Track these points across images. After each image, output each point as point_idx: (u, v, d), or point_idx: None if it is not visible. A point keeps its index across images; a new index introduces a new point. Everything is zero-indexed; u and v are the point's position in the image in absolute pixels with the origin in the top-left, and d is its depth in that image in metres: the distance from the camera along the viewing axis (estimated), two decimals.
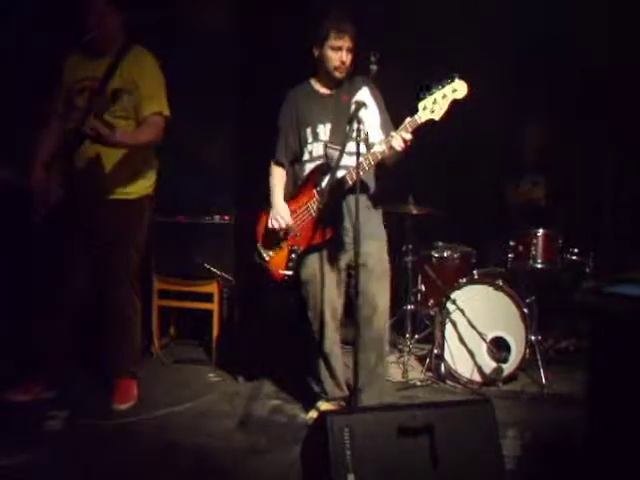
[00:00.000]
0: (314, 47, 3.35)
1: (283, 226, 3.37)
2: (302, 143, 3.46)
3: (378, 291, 3.38)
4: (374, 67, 3.10)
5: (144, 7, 4.09)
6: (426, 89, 3.08)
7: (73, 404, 3.49)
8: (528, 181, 4.74)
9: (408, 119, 3.10)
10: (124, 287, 3.68)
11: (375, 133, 3.20)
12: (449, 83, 3.04)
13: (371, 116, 3.14)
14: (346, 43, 3.28)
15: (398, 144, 3.07)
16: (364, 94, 3.09)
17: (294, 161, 3.53)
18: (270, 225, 3.41)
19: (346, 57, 3.31)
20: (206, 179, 4.72)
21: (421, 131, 3.12)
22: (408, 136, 3.08)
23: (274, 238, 3.44)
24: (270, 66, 4.67)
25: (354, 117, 2.93)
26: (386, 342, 3.50)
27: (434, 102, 3.05)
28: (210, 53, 4.75)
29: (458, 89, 3.03)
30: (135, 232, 3.68)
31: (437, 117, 3.05)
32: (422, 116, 3.06)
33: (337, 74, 3.34)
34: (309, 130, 3.42)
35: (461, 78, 3.04)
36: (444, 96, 3.04)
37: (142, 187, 3.67)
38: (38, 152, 3.63)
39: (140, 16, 3.72)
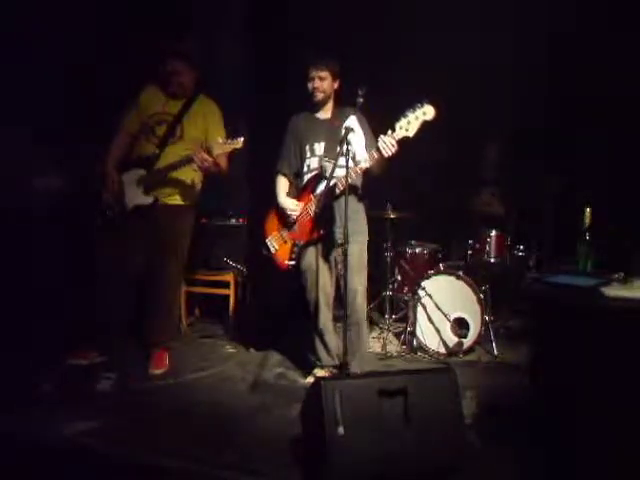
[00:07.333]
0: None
1: (298, 213, 3.35)
2: (302, 158, 3.45)
3: (359, 280, 3.36)
4: (360, 99, 3.10)
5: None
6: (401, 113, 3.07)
7: (119, 368, 3.53)
8: (486, 193, 4.75)
9: (390, 132, 3.08)
10: (177, 274, 3.76)
11: (361, 152, 3.17)
12: (420, 107, 3.03)
13: (358, 139, 3.07)
14: (315, 73, 3.31)
15: (387, 144, 3.05)
16: (352, 121, 3.09)
17: (297, 174, 3.51)
18: (290, 219, 3.38)
19: (318, 84, 3.33)
20: (225, 190, 4.71)
21: (401, 152, 3.09)
22: (393, 141, 3.05)
23: (280, 234, 3.41)
24: (280, 95, 4.67)
25: (344, 140, 2.92)
26: (364, 320, 3.46)
27: (408, 123, 3.04)
28: (229, 81, 4.74)
29: (427, 112, 3.02)
30: (189, 231, 3.74)
31: (411, 134, 3.04)
32: (399, 133, 3.06)
33: (314, 98, 3.37)
34: (307, 147, 3.42)
35: (429, 103, 3.03)
36: (416, 118, 3.03)
37: (195, 196, 3.73)
38: (110, 160, 3.63)
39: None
